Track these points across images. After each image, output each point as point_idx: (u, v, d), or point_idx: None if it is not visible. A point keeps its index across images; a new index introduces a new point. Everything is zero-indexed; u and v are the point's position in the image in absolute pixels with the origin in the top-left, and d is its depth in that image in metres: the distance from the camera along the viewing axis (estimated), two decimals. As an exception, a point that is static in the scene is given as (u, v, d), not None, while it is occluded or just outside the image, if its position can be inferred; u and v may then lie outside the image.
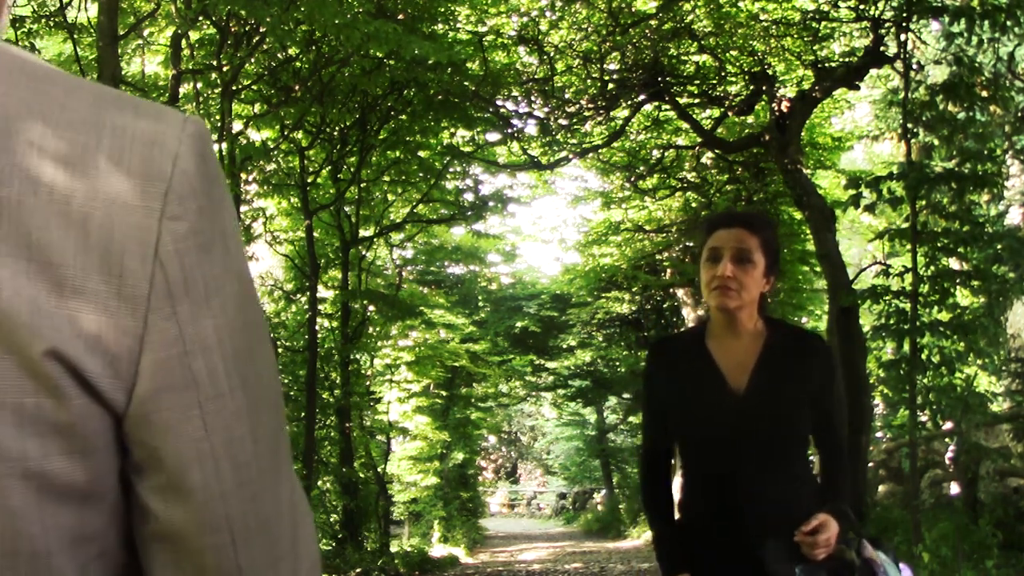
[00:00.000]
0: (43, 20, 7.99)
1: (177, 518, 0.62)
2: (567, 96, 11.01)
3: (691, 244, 13.70)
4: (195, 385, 0.62)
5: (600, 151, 12.00)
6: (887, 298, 7.15)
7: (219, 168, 0.66)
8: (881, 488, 10.93)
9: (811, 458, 2.69)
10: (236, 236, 0.66)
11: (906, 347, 6.94)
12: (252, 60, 8.97)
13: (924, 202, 7.11)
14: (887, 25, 8.57)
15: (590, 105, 10.95)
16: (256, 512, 0.65)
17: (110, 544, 0.64)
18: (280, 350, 10.46)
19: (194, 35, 8.86)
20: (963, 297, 8.43)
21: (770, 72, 10.15)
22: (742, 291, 2.23)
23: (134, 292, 0.60)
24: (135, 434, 0.62)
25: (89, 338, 0.59)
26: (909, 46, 8.29)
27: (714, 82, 10.83)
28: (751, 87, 10.33)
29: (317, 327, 10.83)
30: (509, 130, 11.53)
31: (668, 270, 15.35)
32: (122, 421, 0.61)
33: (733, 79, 10.74)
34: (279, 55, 9.39)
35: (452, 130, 11.74)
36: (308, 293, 10.85)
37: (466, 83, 10.06)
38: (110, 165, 0.60)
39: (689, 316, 14.81)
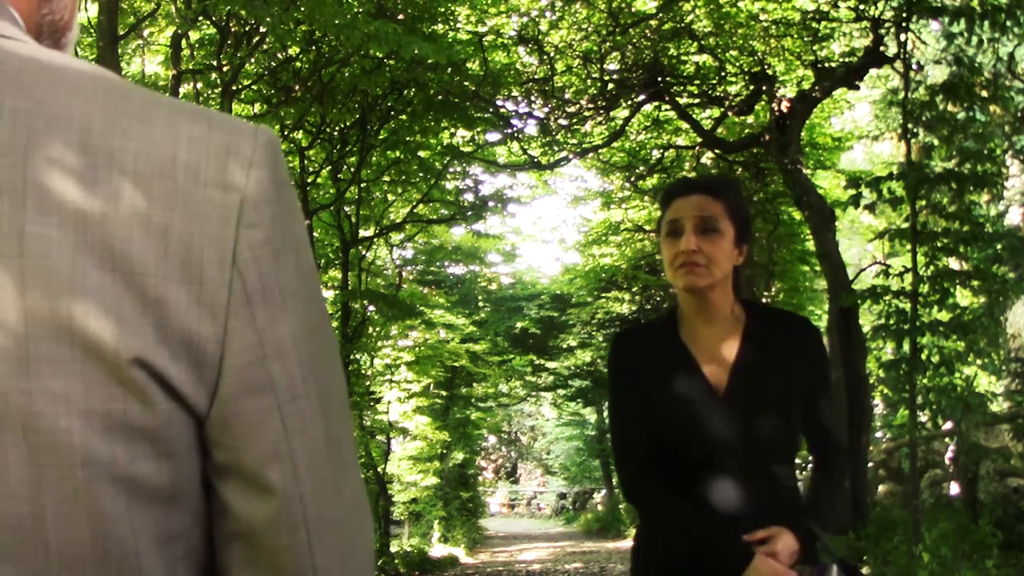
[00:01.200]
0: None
1: (258, 517, 0.65)
2: (567, 96, 11.01)
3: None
4: (274, 389, 0.64)
5: (600, 151, 12.01)
6: (887, 298, 7.15)
7: (288, 177, 0.68)
8: (881, 488, 10.93)
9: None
10: (306, 242, 0.69)
11: (906, 347, 6.94)
12: (252, 60, 8.97)
13: (924, 202, 7.11)
14: (887, 25, 8.58)
15: (590, 105, 10.95)
16: (330, 511, 0.67)
17: (195, 543, 0.66)
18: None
19: (194, 35, 8.86)
20: (963, 297, 8.44)
21: (770, 72, 10.15)
22: (711, 266, 1.93)
23: (214, 299, 0.62)
24: (217, 436, 0.64)
25: (173, 345, 0.61)
26: (909, 46, 8.29)
27: (714, 82, 10.84)
28: (751, 87, 10.33)
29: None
30: (509, 130, 11.53)
31: (668, 270, 15.33)
32: (204, 424, 0.64)
33: (733, 79, 10.74)
34: (279, 55, 9.39)
35: (452, 130, 11.74)
36: (308, 293, 10.83)
37: (466, 83, 10.07)
38: (188, 176, 0.62)
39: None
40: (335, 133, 10.88)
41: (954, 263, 7.95)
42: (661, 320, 2.11)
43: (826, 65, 9.72)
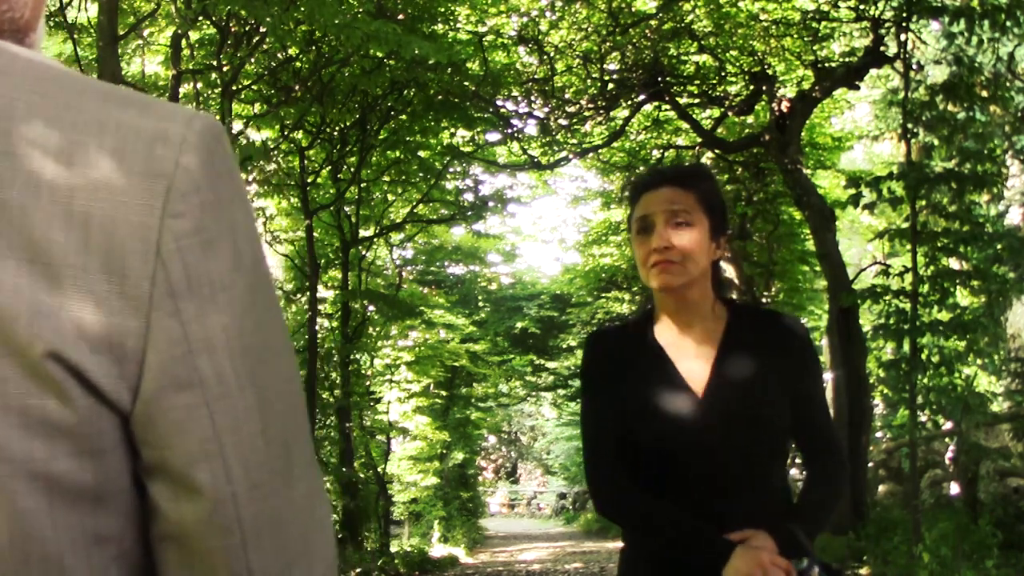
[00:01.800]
0: (43, 20, 7.98)
1: (187, 519, 0.62)
2: (567, 96, 11.01)
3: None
4: (201, 384, 0.61)
5: (600, 151, 12.02)
6: (887, 298, 7.15)
7: (231, 165, 0.65)
8: (881, 488, 10.94)
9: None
10: (250, 234, 0.66)
11: (906, 347, 6.94)
12: (252, 60, 8.97)
13: (924, 202, 7.12)
14: (887, 25, 8.58)
15: (590, 105, 10.96)
16: (268, 513, 0.64)
17: (128, 546, 0.63)
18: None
19: (194, 35, 8.86)
20: (963, 297, 8.44)
21: (770, 72, 10.15)
22: (686, 262, 1.81)
23: (137, 291, 0.59)
24: (142, 434, 0.61)
25: (92, 339, 0.58)
26: (909, 46, 8.29)
27: (714, 82, 10.84)
28: (751, 87, 10.34)
29: (317, 327, 10.83)
30: (509, 130, 11.54)
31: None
32: (130, 421, 0.61)
33: (733, 79, 10.74)
34: (279, 55, 9.39)
35: (452, 130, 11.74)
36: (308, 293, 10.84)
37: (466, 83, 10.07)
38: (113, 163, 0.60)
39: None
40: (335, 133, 10.88)
41: (954, 263, 7.94)
42: (637, 319, 1.98)
43: (826, 65, 9.73)
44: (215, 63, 8.61)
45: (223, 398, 0.62)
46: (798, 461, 6.74)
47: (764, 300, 12.82)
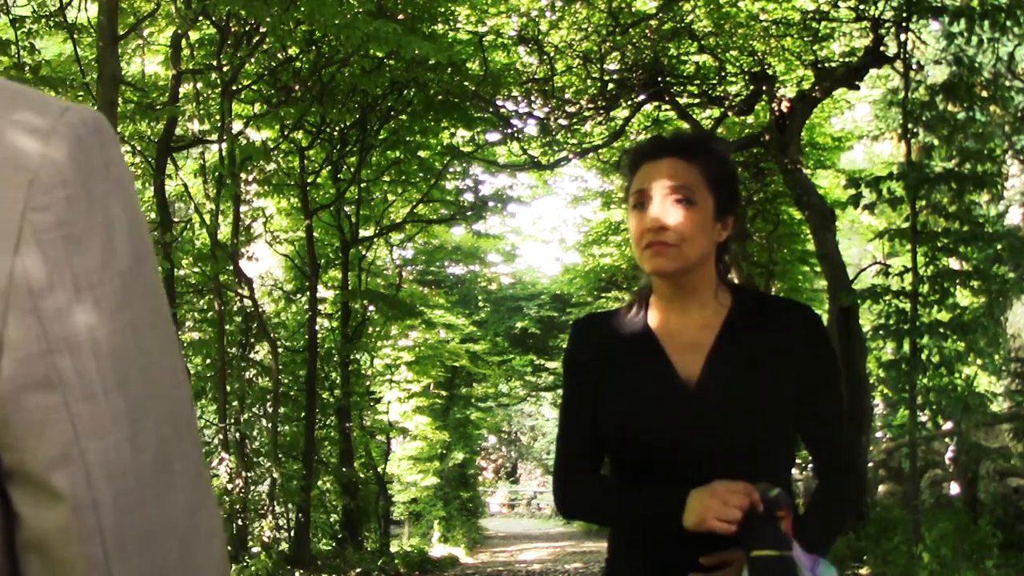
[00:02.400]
0: (43, 20, 7.99)
1: (46, 526, 0.58)
2: (567, 96, 11.01)
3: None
4: (61, 385, 0.58)
5: (600, 151, 12.01)
6: (887, 298, 7.15)
7: (110, 158, 0.62)
8: (881, 488, 10.94)
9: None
10: (131, 230, 0.62)
11: (906, 347, 6.94)
12: (252, 60, 8.97)
13: (924, 202, 7.12)
14: (887, 25, 8.58)
15: (590, 105, 10.96)
16: (135, 525, 0.60)
17: None
18: (280, 350, 10.47)
19: (194, 35, 8.86)
20: (963, 297, 8.44)
21: (770, 72, 10.15)
22: (683, 245, 1.60)
23: None
24: (0, 436, 0.58)
25: None
26: (909, 46, 8.29)
27: (714, 82, 10.84)
28: (751, 87, 10.33)
29: (317, 327, 10.83)
30: (509, 130, 11.54)
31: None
32: None
33: (733, 79, 10.74)
34: (279, 55, 9.39)
35: (452, 130, 11.75)
36: (308, 293, 10.84)
37: (466, 83, 10.07)
38: None
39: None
40: (335, 133, 10.88)
41: (954, 263, 7.95)
42: (630, 305, 1.77)
43: (826, 65, 9.72)
44: (215, 63, 8.61)
45: (85, 400, 0.58)
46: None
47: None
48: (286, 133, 9.97)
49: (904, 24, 7.94)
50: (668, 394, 1.63)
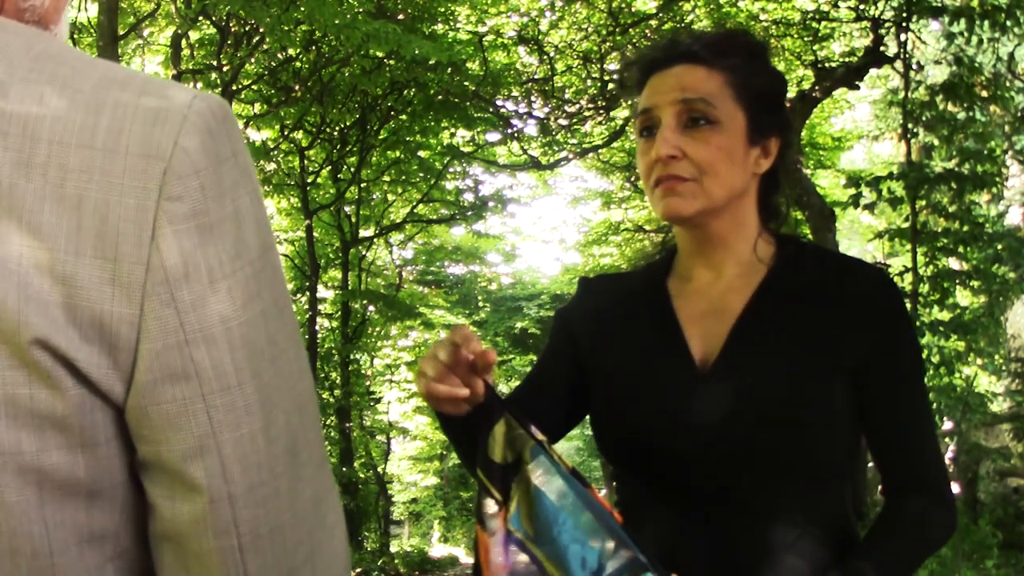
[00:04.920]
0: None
1: (182, 518, 0.59)
2: (567, 96, 11.02)
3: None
4: (197, 377, 0.58)
5: (600, 151, 12.02)
6: (887, 298, 7.14)
7: (238, 148, 0.62)
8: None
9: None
10: (258, 221, 0.62)
11: (906, 347, 6.93)
12: (252, 60, 8.97)
13: (924, 202, 7.11)
14: (887, 25, 8.57)
15: (590, 105, 10.96)
16: (268, 517, 0.60)
17: (128, 544, 0.61)
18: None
19: (194, 35, 8.87)
20: (963, 297, 8.44)
21: (770, 72, 10.15)
22: (704, 179, 1.20)
23: (130, 278, 0.56)
24: (137, 428, 0.58)
25: (83, 326, 0.56)
26: (909, 46, 8.29)
27: (714, 82, 10.84)
28: (751, 87, 10.34)
29: (317, 327, 10.83)
30: (509, 130, 11.54)
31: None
32: (124, 414, 0.58)
33: (733, 79, 10.74)
34: (279, 55, 9.39)
35: (452, 130, 11.75)
36: (308, 293, 10.85)
37: (466, 83, 10.07)
38: (108, 144, 0.57)
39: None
40: (335, 133, 10.89)
41: (954, 263, 7.94)
42: (651, 265, 1.38)
43: (826, 65, 9.72)
44: (215, 63, 8.61)
45: (223, 392, 0.58)
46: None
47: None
48: (286, 133, 9.97)
49: (904, 24, 7.93)
50: (673, 376, 1.24)
